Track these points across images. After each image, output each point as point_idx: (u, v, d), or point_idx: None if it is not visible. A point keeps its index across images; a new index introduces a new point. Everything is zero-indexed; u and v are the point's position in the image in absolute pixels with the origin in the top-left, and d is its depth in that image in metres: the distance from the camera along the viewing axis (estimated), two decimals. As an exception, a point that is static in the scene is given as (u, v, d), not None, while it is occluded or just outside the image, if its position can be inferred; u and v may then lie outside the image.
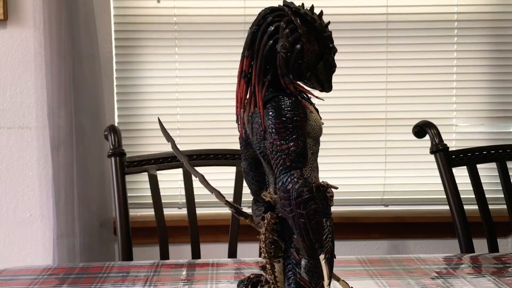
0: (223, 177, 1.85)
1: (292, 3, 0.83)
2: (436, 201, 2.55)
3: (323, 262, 0.77)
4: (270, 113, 0.79)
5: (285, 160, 0.77)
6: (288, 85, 0.81)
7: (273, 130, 0.78)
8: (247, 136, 0.87)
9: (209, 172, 1.99)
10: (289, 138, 0.77)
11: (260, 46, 0.81)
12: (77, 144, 2.36)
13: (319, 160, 0.85)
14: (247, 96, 0.83)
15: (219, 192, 0.89)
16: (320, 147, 0.85)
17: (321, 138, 0.84)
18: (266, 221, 0.82)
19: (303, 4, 0.83)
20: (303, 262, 0.79)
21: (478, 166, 1.87)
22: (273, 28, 0.80)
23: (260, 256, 0.88)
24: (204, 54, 2.53)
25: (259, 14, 0.83)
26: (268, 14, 0.82)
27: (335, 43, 0.83)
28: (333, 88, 0.83)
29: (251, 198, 0.92)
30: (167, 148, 2.68)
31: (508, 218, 1.88)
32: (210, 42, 2.52)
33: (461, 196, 1.83)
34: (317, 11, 0.82)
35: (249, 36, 0.82)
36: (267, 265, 0.83)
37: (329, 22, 0.82)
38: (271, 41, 0.80)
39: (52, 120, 2.35)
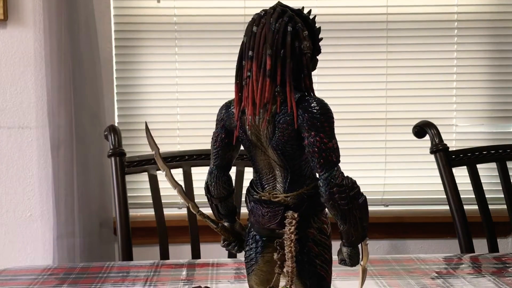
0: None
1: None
2: (436, 201, 2.55)
3: (367, 245, 0.88)
4: (311, 113, 0.80)
5: (332, 157, 0.81)
6: (311, 85, 0.83)
7: (320, 129, 0.80)
8: (237, 138, 0.87)
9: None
10: (332, 136, 0.81)
11: (286, 46, 0.80)
12: (77, 144, 2.36)
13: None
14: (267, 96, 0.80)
15: (194, 204, 0.91)
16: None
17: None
18: (293, 220, 0.83)
19: (303, 7, 0.84)
20: (347, 250, 0.85)
21: (478, 166, 1.88)
22: (291, 29, 0.81)
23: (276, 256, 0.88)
24: (204, 54, 2.53)
25: (272, 13, 0.82)
26: (282, 14, 0.82)
27: (336, 43, 0.85)
28: (333, 88, 0.85)
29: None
30: (167, 148, 2.68)
31: (508, 218, 1.88)
32: (210, 42, 2.52)
33: (461, 196, 1.83)
34: (318, 11, 0.83)
35: (270, 34, 0.80)
36: (291, 266, 0.83)
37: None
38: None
39: (52, 120, 2.35)
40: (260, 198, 0.86)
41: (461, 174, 1.92)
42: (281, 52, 0.80)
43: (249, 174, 1.57)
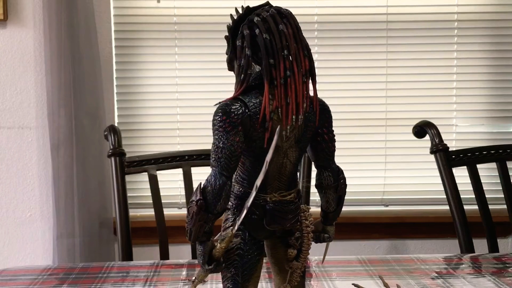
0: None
1: None
2: (436, 201, 2.55)
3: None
4: (328, 111, 0.87)
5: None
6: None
7: (332, 125, 0.87)
8: (254, 141, 0.83)
9: (209, 172, 2.00)
10: None
11: (309, 47, 0.82)
12: (77, 144, 2.36)
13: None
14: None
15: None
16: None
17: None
18: (308, 213, 0.87)
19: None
20: (333, 228, 0.95)
21: (478, 166, 1.87)
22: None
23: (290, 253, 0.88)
24: (204, 54, 2.53)
25: (289, 13, 0.82)
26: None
27: (336, 43, 0.85)
28: (333, 88, 0.86)
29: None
30: (167, 148, 2.68)
31: (508, 218, 1.88)
32: (210, 42, 2.52)
33: (461, 196, 1.83)
34: (318, 11, 0.84)
35: (301, 34, 0.81)
36: (307, 258, 0.86)
37: None
38: None
39: (52, 120, 2.35)
40: (271, 199, 0.85)
41: (461, 174, 1.92)
42: (310, 53, 0.82)
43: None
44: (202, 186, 0.81)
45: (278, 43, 0.79)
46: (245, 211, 0.79)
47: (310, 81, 0.82)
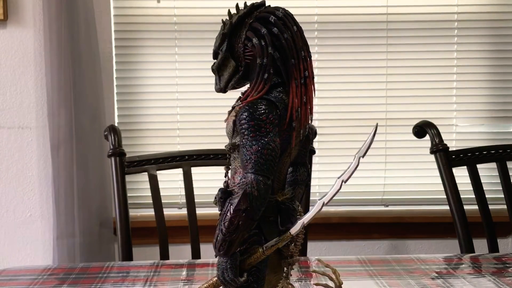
0: (223, 178, 1.85)
1: None
2: (436, 201, 2.55)
3: None
4: None
5: None
6: None
7: None
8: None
9: (209, 172, 2.00)
10: None
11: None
12: (77, 144, 2.36)
13: (320, 160, 0.88)
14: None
15: None
16: (320, 147, 0.89)
17: (321, 138, 0.89)
18: (300, 208, 0.88)
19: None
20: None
21: (478, 166, 1.87)
22: None
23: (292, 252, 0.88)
24: (204, 54, 2.52)
25: (291, 14, 0.82)
26: None
27: (336, 43, 0.85)
28: (333, 88, 0.85)
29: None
30: (167, 148, 2.68)
31: (508, 218, 1.88)
32: (210, 42, 2.50)
33: (461, 196, 1.83)
34: (318, 11, 0.84)
35: (304, 36, 0.82)
36: (296, 260, 0.87)
37: None
38: None
39: (52, 120, 2.35)
40: (280, 199, 0.84)
41: (461, 174, 1.92)
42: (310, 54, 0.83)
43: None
44: (246, 192, 0.76)
45: (298, 43, 0.80)
46: (319, 208, 0.80)
47: None
